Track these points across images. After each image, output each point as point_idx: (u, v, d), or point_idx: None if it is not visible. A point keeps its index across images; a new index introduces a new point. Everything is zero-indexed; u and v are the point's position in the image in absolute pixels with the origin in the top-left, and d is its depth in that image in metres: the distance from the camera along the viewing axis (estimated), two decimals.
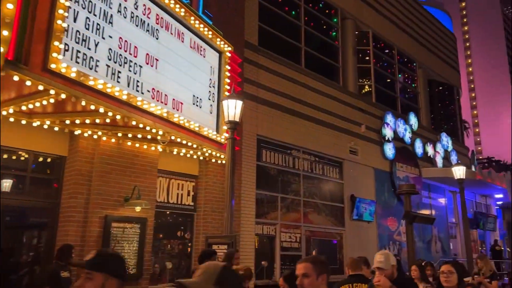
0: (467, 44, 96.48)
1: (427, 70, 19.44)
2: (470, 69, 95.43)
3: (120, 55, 6.45)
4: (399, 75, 17.80)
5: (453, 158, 18.64)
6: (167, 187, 8.75)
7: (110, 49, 6.28)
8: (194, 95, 7.99)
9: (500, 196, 22.42)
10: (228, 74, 8.94)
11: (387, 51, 17.26)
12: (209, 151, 8.39)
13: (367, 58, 16.05)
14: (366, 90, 15.91)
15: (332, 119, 13.28)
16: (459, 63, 23.46)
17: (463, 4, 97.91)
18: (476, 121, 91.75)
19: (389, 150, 15.09)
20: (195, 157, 8.81)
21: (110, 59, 6.26)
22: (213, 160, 9.04)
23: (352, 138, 13.93)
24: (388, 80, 17.32)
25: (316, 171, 12.61)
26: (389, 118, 15.46)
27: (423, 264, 7.16)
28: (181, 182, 9.01)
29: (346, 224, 12.99)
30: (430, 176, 16.74)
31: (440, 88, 20.61)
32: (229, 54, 9.04)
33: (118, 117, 6.31)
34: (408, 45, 18.33)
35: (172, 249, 9.56)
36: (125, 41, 6.57)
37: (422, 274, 5.32)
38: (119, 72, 6.38)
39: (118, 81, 6.33)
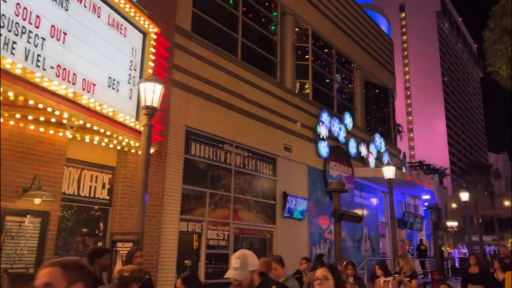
0: (405, 53, 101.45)
1: (364, 72, 19.77)
2: (408, 77, 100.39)
3: (17, 23, 5.61)
4: (337, 75, 17.91)
5: (385, 158, 19.08)
6: (78, 178, 7.91)
7: (3, 15, 5.43)
8: (110, 77, 7.26)
9: (428, 197, 23.41)
10: (152, 57, 8.26)
11: (326, 50, 17.28)
12: (127, 140, 7.69)
13: (307, 56, 15.96)
14: (303, 87, 15.79)
15: (268, 114, 12.97)
16: (398, 70, 24.21)
17: (403, 14, 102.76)
18: (410, 126, 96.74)
19: (323, 148, 15.06)
20: (111, 146, 8.04)
21: (2, 27, 5.40)
22: (133, 150, 8.33)
23: (287, 135, 13.72)
24: (327, 80, 17.34)
25: (249, 166, 12.22)
26: (325, 117, 15.45)
27: (344, 263, 6.97)
28: (95, 173, 8.19)
29: (277, 221, 12.73)
30: (362, 175, 16.98)
31: (376, 90, 21.07)
32: (154, 36, 8.37)
33: (10, 94, 5.47)
34: (347, 46, 18.51)
35: (86, 246, 8.74)
36: (24, 8, 5.73)
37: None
38: (14, 42, 5.54)
39: (12, 53, 5.50)
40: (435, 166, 60.01)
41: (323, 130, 15.18)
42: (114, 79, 7.34)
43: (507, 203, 74.25)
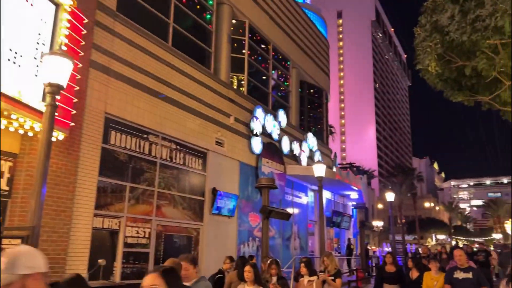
0: (341, 59, 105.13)
1: (300, 71, 19.77)
2: (342, 82, 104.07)
3: None
4: (273, 72, 17.70)
5: (317, 157, 19.20)
6: None
7: None
8: (11, 50, 6.30)
9: (356, 196, 24.02)
10: (66, 32, 7.36)
11: (263, 45, 16.99)
12: (30, 123, 6.74)
13: (243, 50, 15.54)
14: (238, 81, 15.37)
15: (199, 106, 12.36)
16: (333, 74, 24.62)
17: (340, 21, 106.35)
18: (343, 129, 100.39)
19: (256, 145, 14.74)
20: (12, 129, 7.02)
21: None
22: (39, 136, 7.35)
23: (219, 129, 13.21)
24: (263, 77, 17.06)
25: (177, 160, 11.53)
26: (259, 112, 15.14)
27: (268, 262, 6.60)
28: None
29: (205, 218, 12.17)
30: (294, 173, 16.91)
31: (311, 90, 21.20)
32: (69, 9, 7.47)
33: None
34: (284, 43, 18.37)
35: None
36: None
37: (256, 276, 4.62)
38: None
39: None
40: (364, 168, 62.56)
41: (256, 126, 14.85)
42: (15, 52, 6.39)
43: (427, 204, 79.67)
